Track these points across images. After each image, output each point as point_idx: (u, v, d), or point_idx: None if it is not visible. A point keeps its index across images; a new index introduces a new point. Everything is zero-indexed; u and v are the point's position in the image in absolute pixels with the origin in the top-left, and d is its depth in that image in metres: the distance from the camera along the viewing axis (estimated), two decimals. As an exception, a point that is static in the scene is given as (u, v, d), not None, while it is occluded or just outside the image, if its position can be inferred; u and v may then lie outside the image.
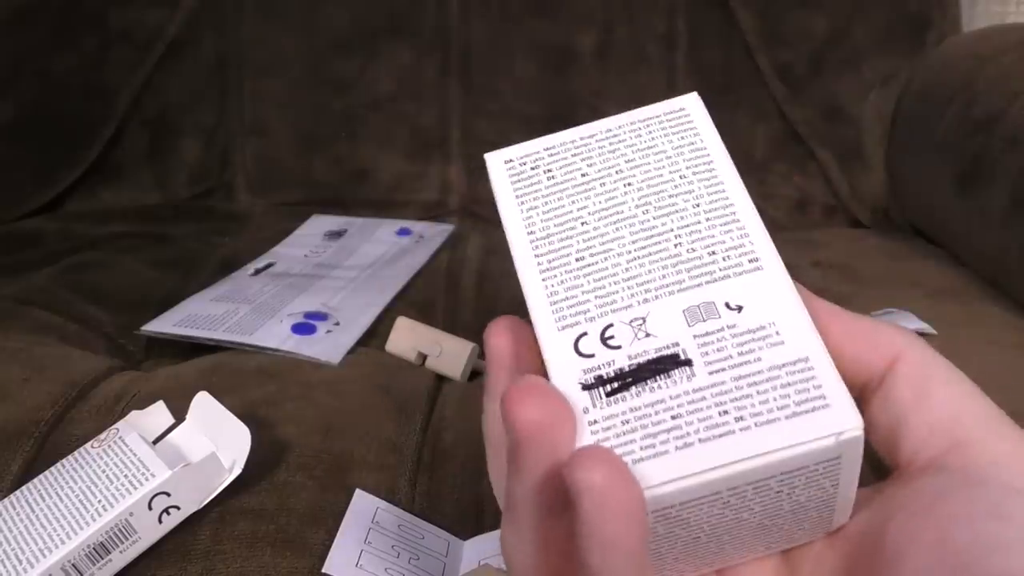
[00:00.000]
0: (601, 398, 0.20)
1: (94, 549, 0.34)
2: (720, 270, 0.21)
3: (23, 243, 0.76)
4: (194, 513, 0.37)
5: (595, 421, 0.20)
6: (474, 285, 0.68)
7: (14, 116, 0.85)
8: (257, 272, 0.68)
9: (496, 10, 0.88)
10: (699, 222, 0.22)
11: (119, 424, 0.40)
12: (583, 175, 0.24)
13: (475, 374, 0.53)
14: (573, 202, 0.23)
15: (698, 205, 0.23)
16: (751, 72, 0.87)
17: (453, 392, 0.51)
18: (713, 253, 0.22)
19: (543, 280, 0.22)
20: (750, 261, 0.21)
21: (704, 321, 0.21)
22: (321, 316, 0.59)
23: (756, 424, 0.19)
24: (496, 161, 0.25)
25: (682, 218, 0.22)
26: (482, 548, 0.38)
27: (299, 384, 0.49)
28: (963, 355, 0.54)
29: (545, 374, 0.21)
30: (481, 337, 0.23)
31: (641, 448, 0.19)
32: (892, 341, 0.20)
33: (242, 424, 0.38)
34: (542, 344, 0.21)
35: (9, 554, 0.34)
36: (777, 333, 0.20)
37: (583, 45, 0.88)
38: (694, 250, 0.22)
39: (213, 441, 0.39)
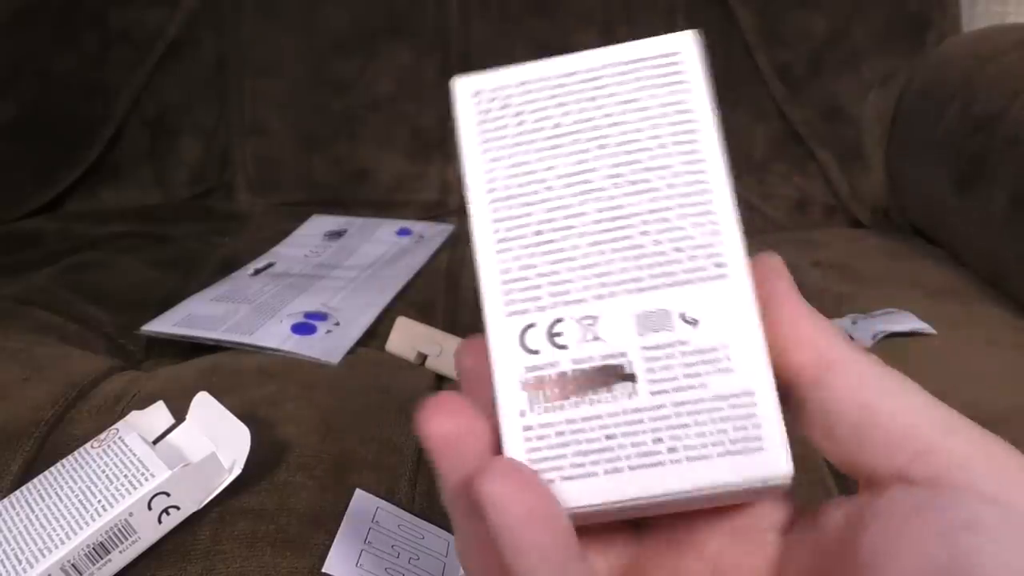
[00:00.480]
0: (539, 403, 0.20)
1: (94, 549, 0.34)
2: (683, 272, 0.20)
3: (23, 243, 0.76)
4: (194, 513, 0.37)
5: (530, 427, 0.20)
6: (474, 285, 0.68)
7: (14, 116, 0.85)
8: (257, 272, 0.68)
9: (496, 10, 0.88)
10: (671, 208, 0.21)
11: (119, 424, 0.40)
12: (555, 126, 0.21)
13: (475, 374, 0.53)
14: (541, 160, 0.21)
15: (673, 186, 0.21)
16: (751, 72, 0.87)
17: (453, 392, 0.51)
18: (679, 250, 0.20)
19: (498, 253, 0.21)
20: (716, 266, 0.20)
21: (656, 332, 0.20)
22: (321, 316, 0.59)
23: (687, 458, 0.19)
24: (464, 91, 0.22)
25: (653, 200, 0.21)
26: (482, 548, 0.38)
27: (299, 384, 0.49)
28: (963, 355, 0.54)
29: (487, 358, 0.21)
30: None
31: (571, 465, 0.20)
32: (831, 344, 0.20)
33: (242, 424, 0.38)
34: (488, 327, 0.21)
35: (9, 554, 0.34)
36: (728, 358, 0.20)
37: (583, 45, 0.87)
38: (659, 243, 0.20)
39: (213, 441, 0.39)
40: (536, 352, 0.20)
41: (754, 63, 0.86)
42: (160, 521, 0.36)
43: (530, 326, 0.20)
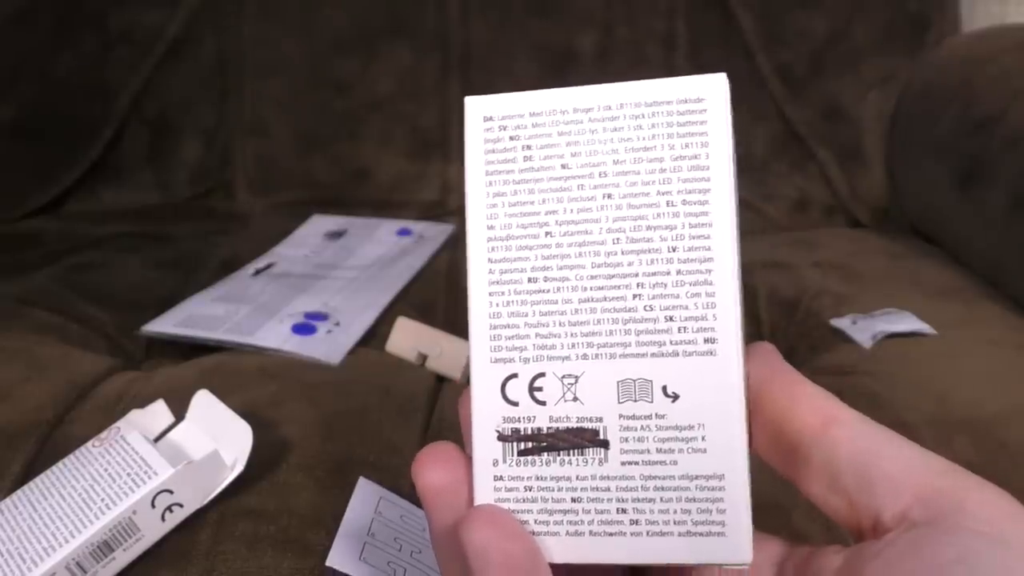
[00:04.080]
0: (512, 455, 0.20)
1: (98, 547, 0.34)
2: (671, 343, 0.20)
3: (23, 243, 0.76)
4: (195, 514, 0.37)
5: (501, 477, 0.20)
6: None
7: (14, 116, 0.85)
8: (257, 272, 0.68)
9: (496, 10, 0.88)
10: (668, 273, 0.20)
11: (120, 422, 0.40)
12: (563, 166, 0.21)
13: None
14: (544, 201, 0.21)
15: (675, 250, 0.20)
16: (751, 72, 0.87)
17: (453, 392, 0.51)
18: (670, 319, 0.20)
19: (490, 295, 0.21)
20: (706, 341, 0.20)
21: (635, 402, 0.20)
22: (321, 316, 0.59)
23: (648, 533, 0.20)
24: (476, 113, 0.21)
25: (652, 262, 0.20)
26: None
27: (300, 384, 0.49)
28: (963, 355, 0.54)
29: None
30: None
31: (535, 521, 0.20)
32: (832, 404, 0.21)
33: (243, 421, 0.38)
34: (472, 368, 0.21)
35: (13, 552, 0.34)
36: (703, 439, 0.19)
37: (583, 46, 0.88)
38: (651, 309, 0.20)
39: (214, 438, 0.39)
40: (515, 404, 0.21)
41: (754, 63, 0.87)
42: (163, 519, 0.36)
43: (512, 376, 0.21)
